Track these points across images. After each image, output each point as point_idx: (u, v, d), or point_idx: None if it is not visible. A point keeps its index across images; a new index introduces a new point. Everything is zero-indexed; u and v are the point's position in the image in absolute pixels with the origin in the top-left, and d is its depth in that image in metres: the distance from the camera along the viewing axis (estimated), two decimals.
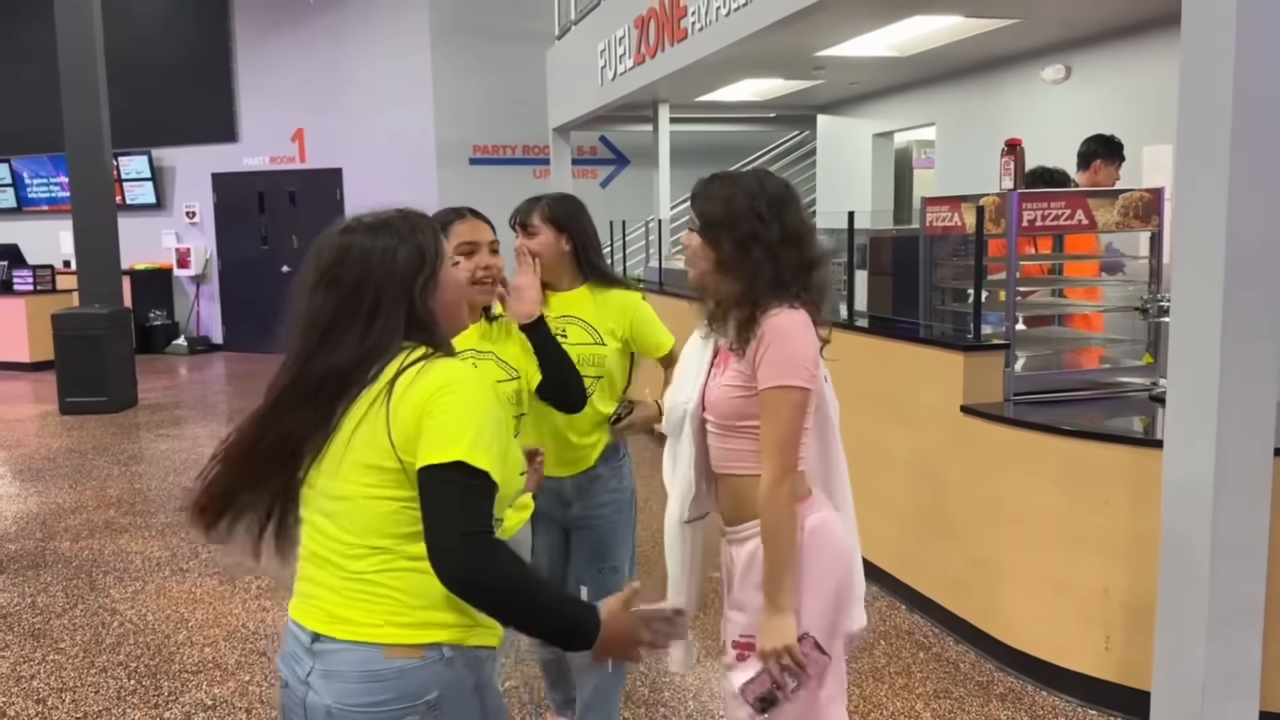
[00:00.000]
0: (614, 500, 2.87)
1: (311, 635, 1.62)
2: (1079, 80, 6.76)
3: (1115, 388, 4.00)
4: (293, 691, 1.64)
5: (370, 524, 1.60)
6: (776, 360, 1.95)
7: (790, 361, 1.95)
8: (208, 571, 4.85)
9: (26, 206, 14.00)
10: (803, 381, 1.96)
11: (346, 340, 1.64)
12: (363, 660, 1.59)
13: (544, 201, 2.84)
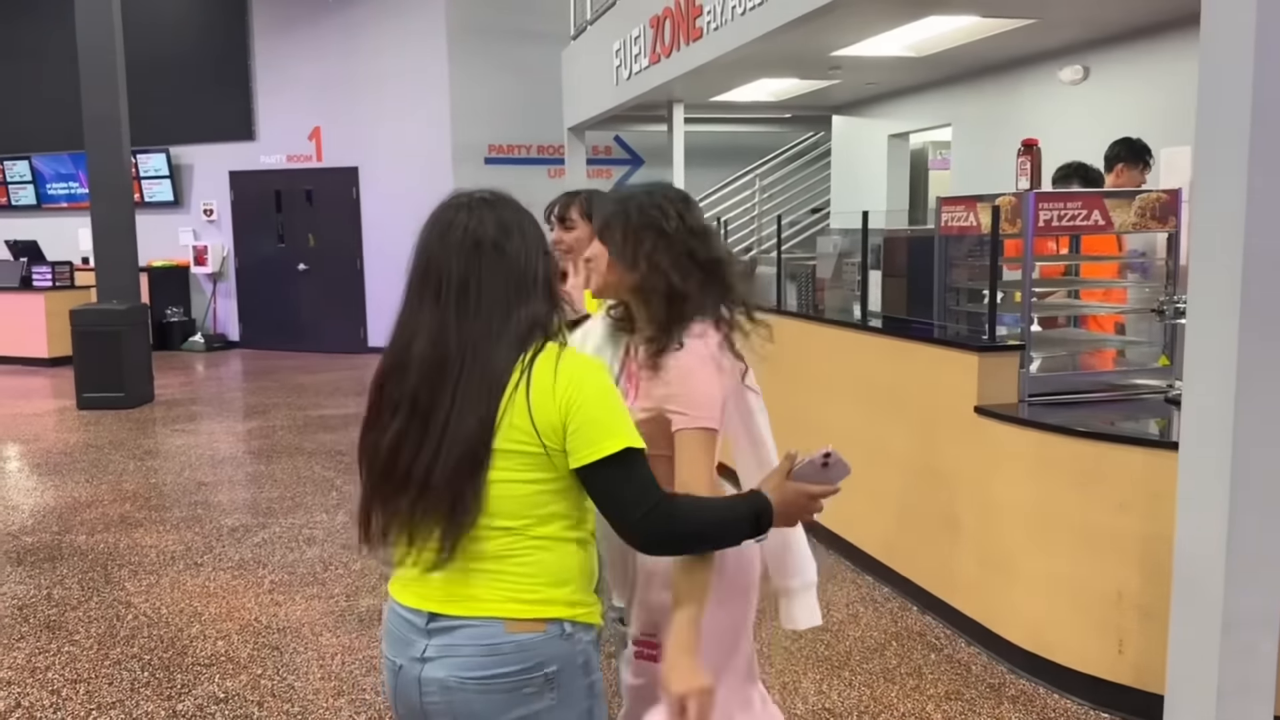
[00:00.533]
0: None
1: (427, 615, 1.68)
2: (1097, 81, 6.72)
3: (1131, 390, 3.98)
4: (406, 671, 1.69)
5: (503, 507, 1.65)
6: (687, 402, 1.94)
7: (700, 403, 1.94)
8: (221, 566, 4.88)
9: (46, 204, 14.11)
10: (713, 422, 1.95)
11: (509, 322, 1.65)
12: (483, 635, 1.65)
13: (581, 196, 2.88)
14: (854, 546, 4.79)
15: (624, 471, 1.64)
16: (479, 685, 1.64)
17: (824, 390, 5.10)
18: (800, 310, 5.52)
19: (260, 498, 6.12)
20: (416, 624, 1.69)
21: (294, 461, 6.97)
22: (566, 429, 1.62)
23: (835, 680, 3.65)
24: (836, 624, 4.14)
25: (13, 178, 14.17)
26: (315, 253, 13.02)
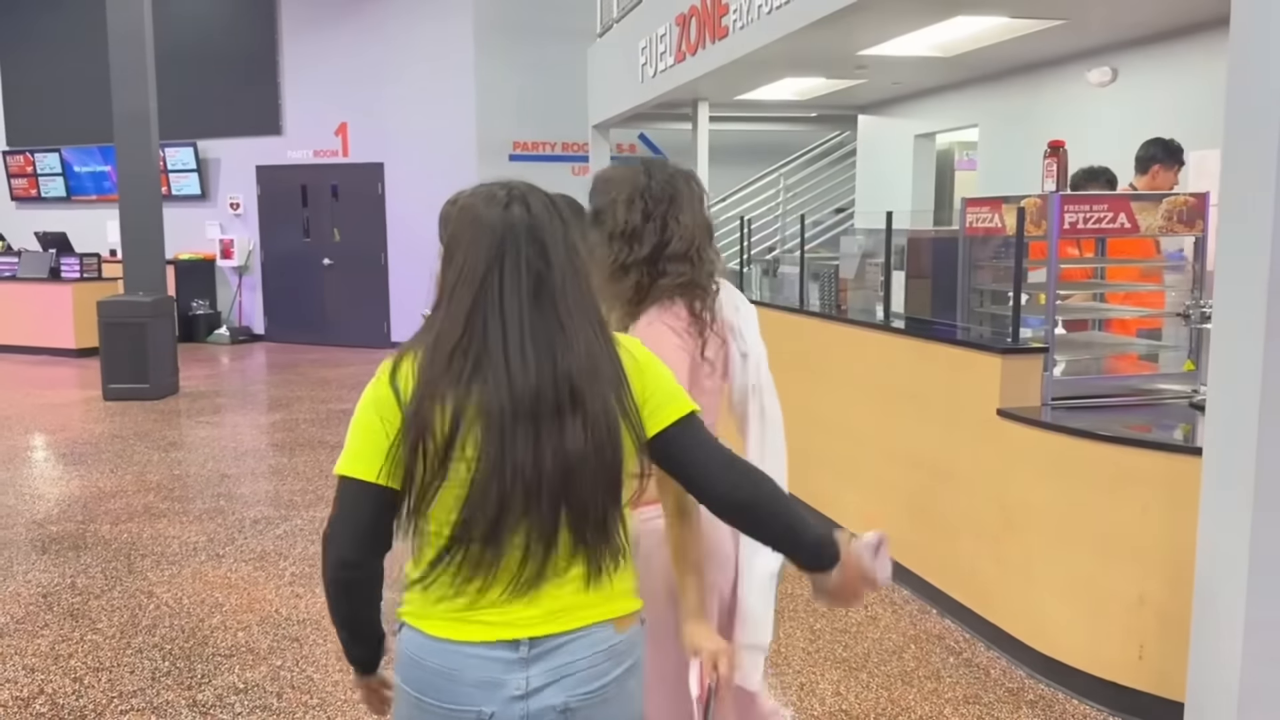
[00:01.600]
0: None
1: (526, 643, 1.55)
2: (1125, 83, 6.66)
3: (1155, 394, 3.95)
4: (502, 715, 1.54)
5: None
6: None
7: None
8: (243, 557, 4.92)
9: (75, 196, 14.27)
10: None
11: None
12: (597, 642, 1.59)
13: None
14: None
15: (702, 431, 1.65)
16: (599, 696, 1.58)
17: (846, 391, 5.09)
18: (823, 310, 5.51)
19: (282, 490, 6.16)
20: (508, 658, 1.55)
21: (316, 455, 7.02)
22: (646, 402, 1.61)
23: (853, 682, 3.63)
24: (855, 625, 4.12)
25: (43, 170, 14.33)
26: (340, 247, 13.10)
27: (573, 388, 1.52)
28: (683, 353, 2.05)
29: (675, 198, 2.13)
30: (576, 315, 1.56)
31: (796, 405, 2.34)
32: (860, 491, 4.95)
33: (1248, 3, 2.69)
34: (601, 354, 1.56)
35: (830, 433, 5.22)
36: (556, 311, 1.55)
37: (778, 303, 6.09)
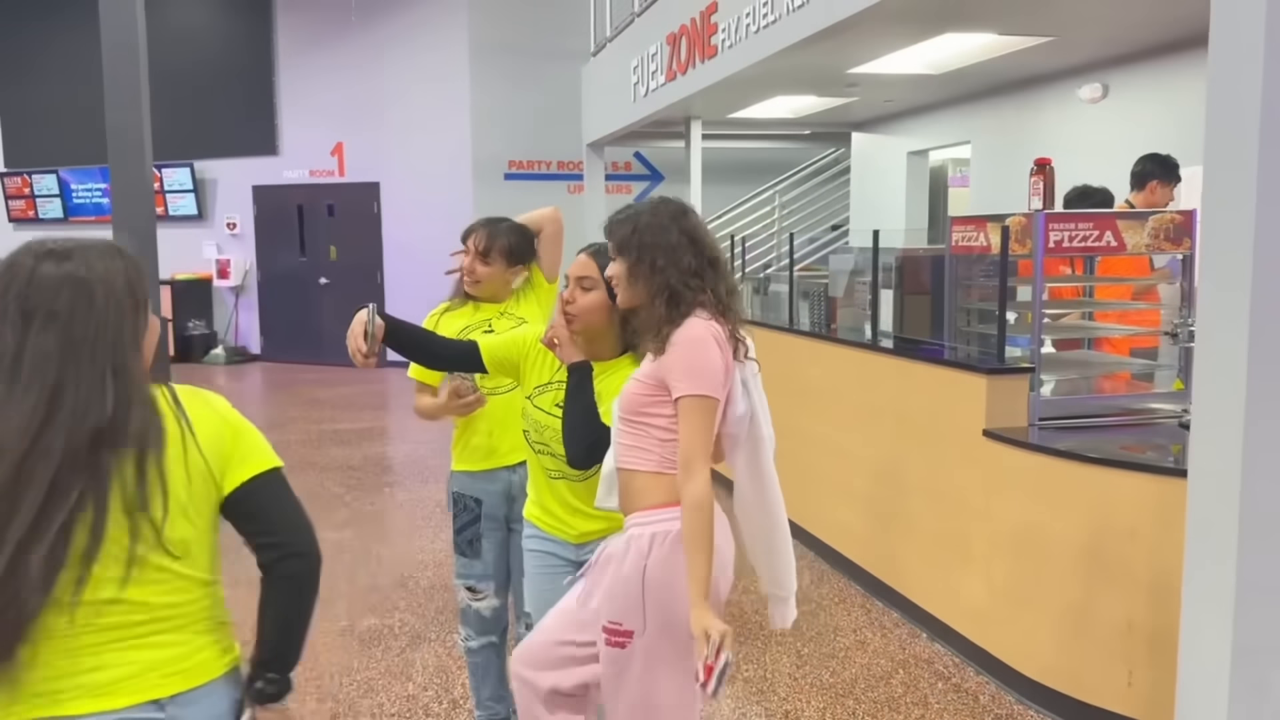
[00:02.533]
0: None
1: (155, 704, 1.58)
2: (1117, 99, 6.64)
3: (1144, 414, 3.90)
4: None
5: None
6: (690, 369, 2.11)
7: (703, 371, 2.11)
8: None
9: (73, 216, 14.28)
10: (713, 391, 2.12)
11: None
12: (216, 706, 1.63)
13: (501, 229, 3.04)
14: (862, 569, 4.72)
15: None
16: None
17: (834, 410, 5.04)
18: (812, 329, 5.47)
19: None
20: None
21: (305, 477, 6.97)
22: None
23: (839, 709, 3.58)
24: (843, 650, 4.07)
25: (40, 191, 14.35)
26: (336, 267, 13.09)
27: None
28: (721, 356, 2.16)
29: (702, 228, 2.28)
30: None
31: (787, 424, 2.40)
32: (850, 512, 4.90)
33: (1226, 20, 2.66)
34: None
35: (820, 452, 5.18)
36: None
37: (769, 321, 6.06)
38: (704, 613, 2.03)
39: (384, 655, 4.02)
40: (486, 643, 3.14)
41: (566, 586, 2.41)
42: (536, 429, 2.54)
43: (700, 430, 2.10)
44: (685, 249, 2.19)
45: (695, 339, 2.12)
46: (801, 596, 4.59)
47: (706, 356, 2.12)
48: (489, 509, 3.02)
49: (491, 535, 3.04)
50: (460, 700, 3.59)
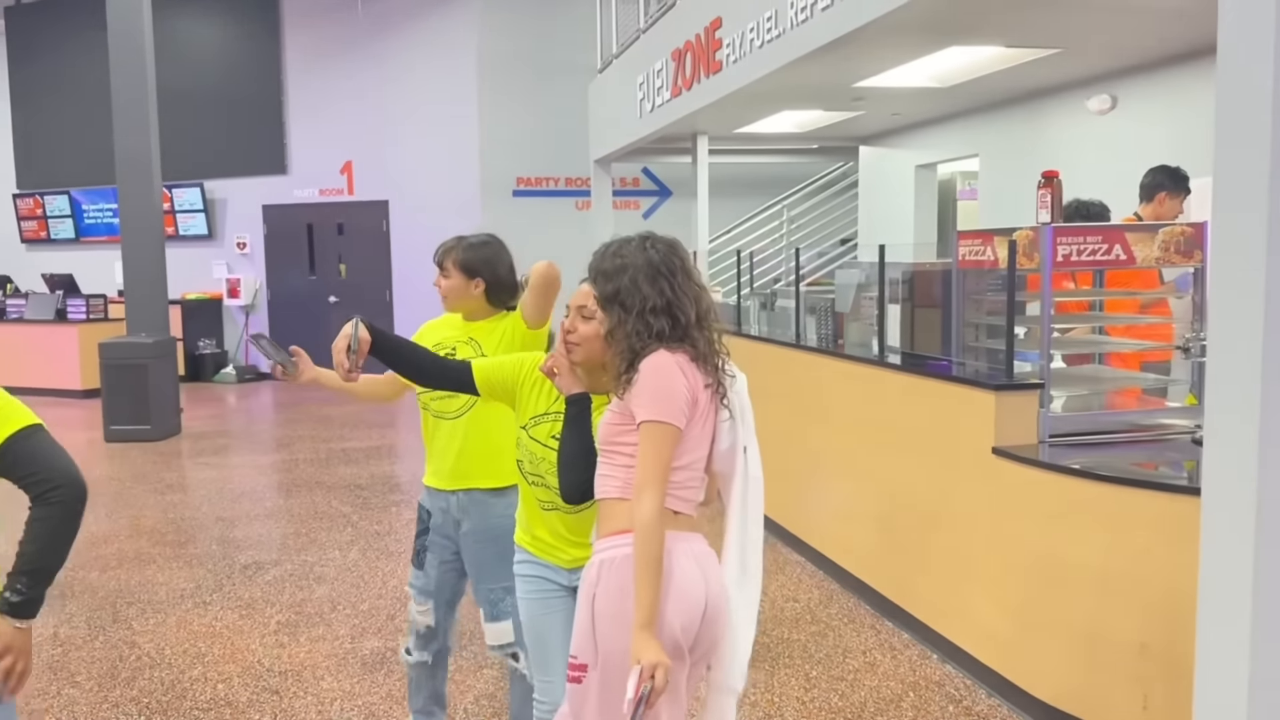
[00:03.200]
0: (504, 524, 2.80)
1: None
2: (1126, 110, 6.58)
3: (1157, 430, 3.83)
4: None
5: None
6: (648, 396, 2.10)
7: (662, 398, 2.10)
8: (229, 604, 4.83)
9: (84, 237, 14.35)
10: (669, 418, 2.10)
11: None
12: None
13: (460, 247, 3.08)
14: (872, 590, 4.65)
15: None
16: None
17: (842, 427, 4.98)
18: (819, 344, 5.41)
19: (275, 533, 6.08)
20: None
21: (312, 496, 6.94)
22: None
23: None
24: (853, 672, 4.00)
25: (52, 212, 14.43)
26: (346, 285, 13.11)
27: None
28: (683, 383, 2.14)
29: (682, 268, 2.24)
30: None
31: (794, 441, 2.39)
32: (858, 529, 4.83)
33: (1235, 29, 2.61)
34: None
35: (827, 470, 5.11)
36: None
37: (775, 337, 6.00)
38: (643, 640, 1.99)
39: (386, 679, 3.97)
40: (420, 659, 3.21)
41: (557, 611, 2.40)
42: (531, 460, 2.50)
43: (655, 455, 2.08)
44: (655, 296, 2.17)
45: (658, 367, 2.12)
46: (810, 617, 4.55)
47: (668, 384, 2.11)
48: (436, 523, 3.09)
49: (436, 550, 3.11)
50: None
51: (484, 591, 3.03)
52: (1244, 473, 2.59)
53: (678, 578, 2.10)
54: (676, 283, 2.20)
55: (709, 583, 2.17)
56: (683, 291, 2.20)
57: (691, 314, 2.19)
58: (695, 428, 2.16)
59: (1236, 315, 2.60)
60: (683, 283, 2.21)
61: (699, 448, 2.20)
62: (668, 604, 2.07)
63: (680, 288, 2.20)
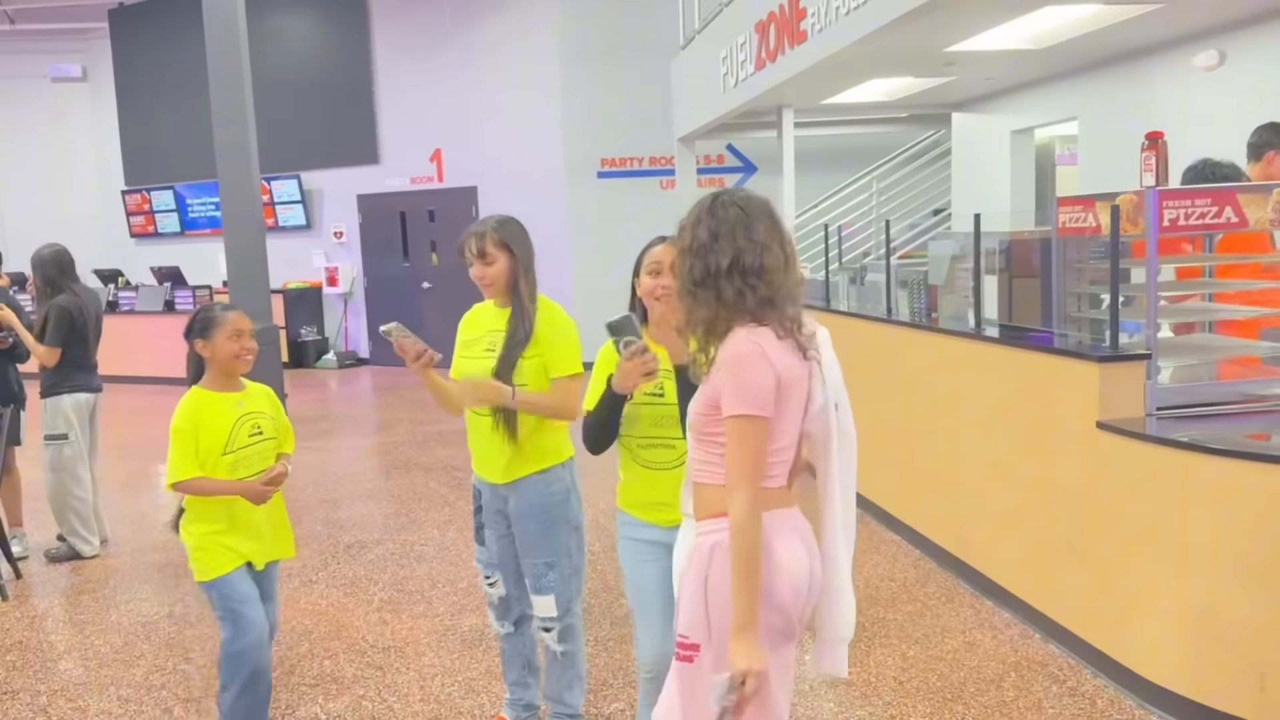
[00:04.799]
0: (545, 501, 3.08)
1: None
2: (1234, 66, 6.27)
3: (1273, 400, 3.65)
4: None
5: None
6: (731, 388, 2.03)
7: (744, 390, 2.02)
8: (334, 583, 4.98)
9: (189, 230, 14.87)
10: (756, 410, 2.02)
11: None
12: None
13: (490, 227, 3.05)
14: (971, 568, 4.56)
15: None
16: None
17: (939, 404, 4.88)
18: (912, 318, 5.31)
19: (376, 514, 6.24)
20: None
21: (411, 477, 7.10)
22: None
23: (947, 714, 3.45)
24: (951, 652, 3.93)
25: (158, 207, 14.99)
26: (438, 271, 13.32)
27: None
28: (769, 370, 2.04)
29: (743, 219, 2.10)
30: None
31: (888, 419, 2.36)
32: (956, 507, 4.73)
33: None
34: None
35: (923, 446, 5.02)
36: None
37: (865, 312, 5.90)
38: (743, 642, 1.96)
39: (485, 655, 4.04)
40: (505, 631, 3.33)
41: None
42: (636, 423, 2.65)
43: (742, 451, 2.01)
44: (722, 253, 2.06)
45: (740, 357, 2.03)
46: (906, 596, 4.48)
47: (751, 375, 2.02)
48: (486, 501, 3.20)
49: (493, 526, 3.22)
50: None
51: (528, 566, 3.14)
52: None
53: (781, 555, 2.08)
54: (751, 235, 2.07)
55: (811, 554, 2.16)
56: (759, 244, 2.07)
57: (769, 267, 2.06)
58: (786, 410, 2.09)
59: None
60: (758, 235, 2.07)
61: (793, 429, 2.14)
62: (778, 583, 2.06)
63: (753, 240, 2.06)
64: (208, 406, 3.09)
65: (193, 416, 3.05)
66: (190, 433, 3.02)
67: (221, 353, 3.10)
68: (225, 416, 3.09)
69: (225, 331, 3.09)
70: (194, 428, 3.03)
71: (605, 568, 5.03)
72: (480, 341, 3.10)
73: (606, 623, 4.34)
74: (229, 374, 3.14)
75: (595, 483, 3.66)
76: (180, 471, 3.02)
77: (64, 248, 5.56)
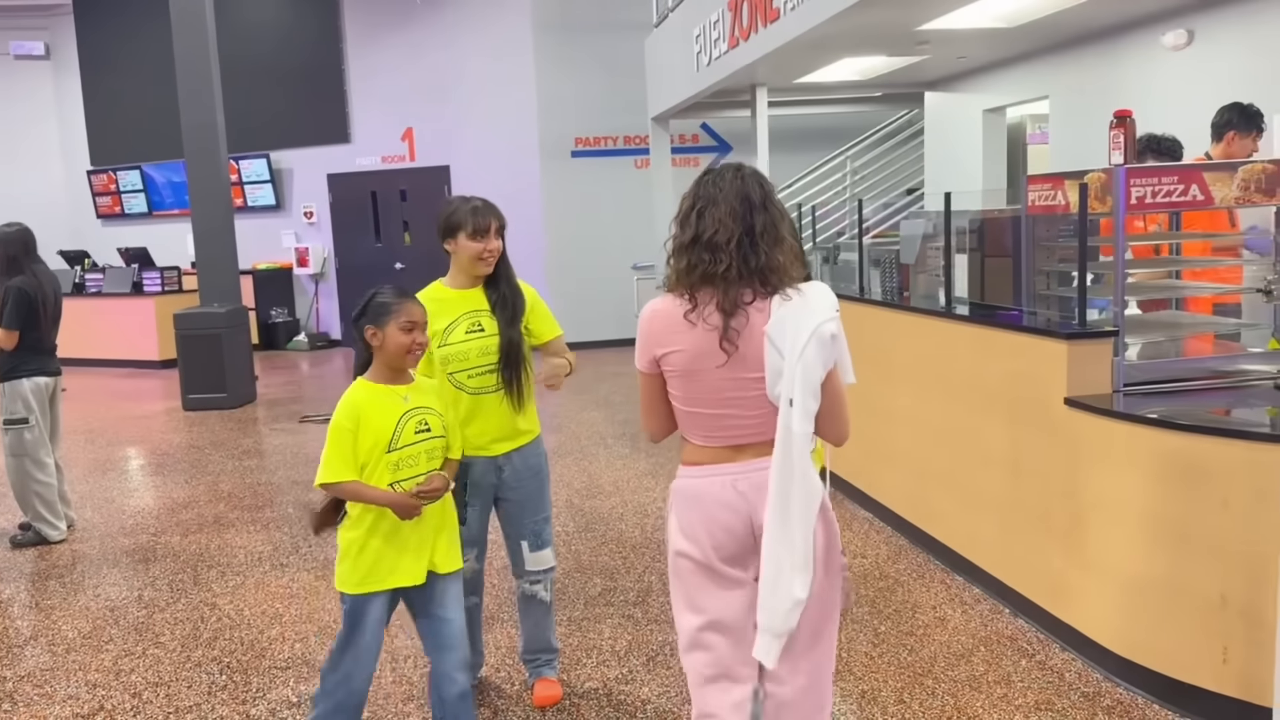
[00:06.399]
0: (539, 462, 3.38)
1: None
2: (1202, 45, 6.30)
3: (1237, 377, 3.69)
4: None
5: None
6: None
7: (637, 348, 2.34)
8: (305, 566, 4.95)
9: (157, 211, 14.69)
10: (638, 364, 2.34)
11: None
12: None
13: (489, 207, 3.24)
14: (942, 545, 4.60)
15: None
16: None
17: (909, 381, 4.90)
18: (884, 297, 5.32)
19: None
20: None
21: None
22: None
23: (917, 689, 3.48)
24: (922, 627, 3.96)
25: (125, 187, 14.79)
26: (411, 251, 13.24)
27: None
28: (642, 330, 2.30)
29: (715, 194, 2.22)
30: None
31: (858, 397, 2.35)
32: (927, 484, 4.76)
33: None
34: None
35: (895, 424, 5.04)
36: None
37: (839, 291, 5.90)
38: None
39: None
40: (472, 603, 3.39)
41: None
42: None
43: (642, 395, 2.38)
44: (687, 206, 2.26)
45: (640, 317, 2.34)
46: (878, 572, 4.51)
47: (639, 333, 2.31)
48: (476, 478, 3.23)
49: (477, 503, 3.26)
50: (531, 685, 3.58)
51: (529, 524, 3.34)
52: None
53: (703, 489, 2.27)
54: (707, 206, 2.22)
55: (752, 505, 2.23)
56: (709, 215, 2.20)
57: (712, 236, 2.19)
58: (686, 377, 2.23)
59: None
60: (711, 207, 2.21)
61: (707, 397, 2.22)
62: (692, 517, 2.28)
63: (709, 209, 2.21)
64: (372, 401, 2.80)
65: (354, 413, 2.76)
66: (350, 431, 2.74)
67: (392, 344, 2.79)
68: (390, 411, 2.80)
69: (398, 321, 2.77)
70: (355, 426, 2.74)
71: (580, 548, 5.03)
72: (461, 324, 3.19)
73: (580, 603, 4.34)
74: (395, 367, 2.84)
75: (570, 464, 3.66)
76: (333, 472, 2.74)
77: (28, 227, 5.47)
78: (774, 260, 2.17)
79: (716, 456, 2.26)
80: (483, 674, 3.64)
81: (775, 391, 2.17)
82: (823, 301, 2.18)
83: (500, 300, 3.22)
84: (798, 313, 2.15)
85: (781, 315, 2.15)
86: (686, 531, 2.27)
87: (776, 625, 2.18)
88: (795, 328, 2.14)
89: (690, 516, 2.27)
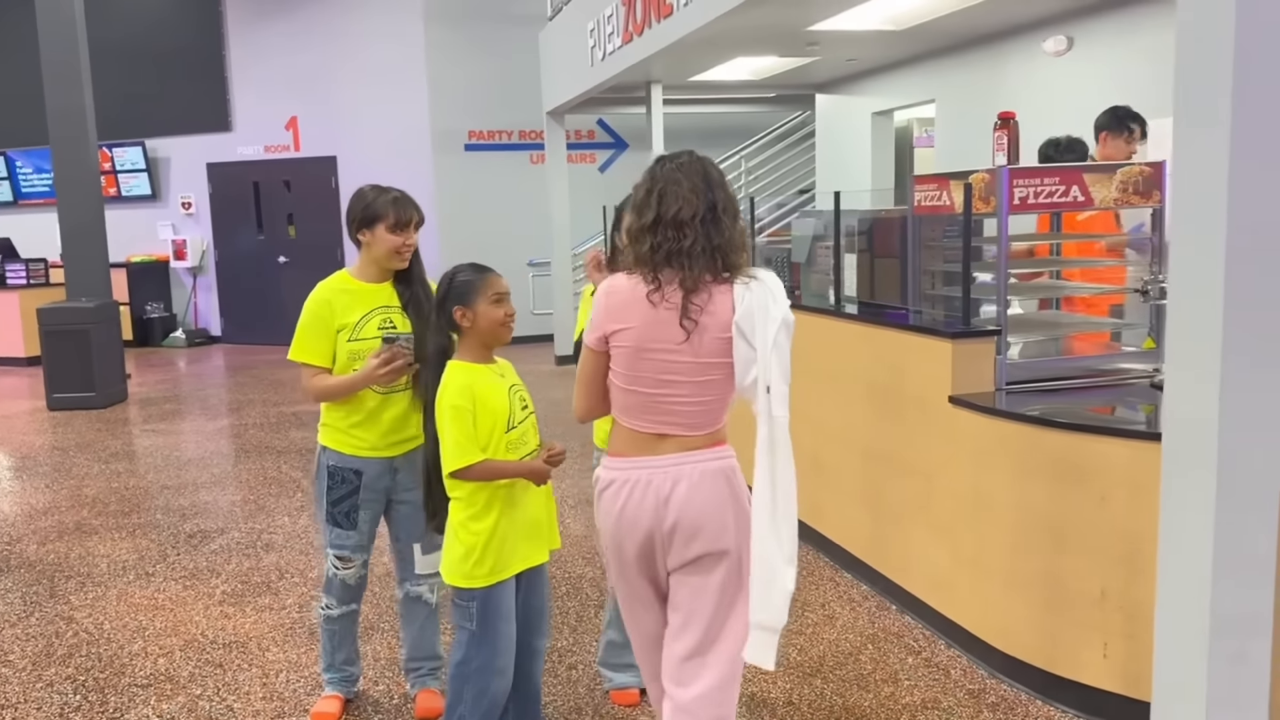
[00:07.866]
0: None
1: None
2: (1082, 51, 6.48)
3: (1116, 375, 3.77)
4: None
5: None
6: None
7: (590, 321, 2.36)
8: (173, 575, 4.68)
9: (22, 200, 13.89)
10: (587, 340, 2.34)
11: None
12: None
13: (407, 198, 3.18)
14: (831, 542, 4.60)
15: None
16: None
17: (799, 378, 4.84)
18: None
19: (223, 501, 5.92)
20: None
21: (262, 462, 6.77)
22: None
23: (806, 689, 3.45)
24: (811, 626, 3.94)
25: None
26: (295, 244, 12.81)
27: None
28: (598, 305, 2.32)
29: (676, 175, 2.29)
30: None
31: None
32: (816, 482, 4.76)
33: None
34: None
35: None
36: None
37: None
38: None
39: None
40: (347, 610, 3.26)
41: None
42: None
43: (580, 368, 2.40)
44: (642, 194, 2.31)
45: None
46: None
47: (595, 307, 2.32)
48: (369, 480, 3.11)
49: (369, 507, 3.15)
50: (413, 696, 3.43)
51: (424, 527, 3.18)
52: (1204, 417, 2.53)
53: (607, 502, 2.33)
54: (665, 191, 2.27)
55: (659, 501, 2.28)
56: (671, 197, 2.26)
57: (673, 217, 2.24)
58: (627, 356, 2.26)
59: (1198, 256, 2.52)
60: (669, 193, 2.27)
61: (641, 374, 2.26)
62: (605, 522, 2.37)
63: (669, 194, 2.27)
64: (480, 380, 2.65)
65: (470, 394, 2.60)
66: (470, 412, 2.59)
67: (484, 320, 2.65)
68: (498, 390, 2.67)
69: (487, 296, 2.64)
70: (472, 405, 2.59)
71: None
72: (372, 320, 3.09)
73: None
74: (489, 345, 2.70)
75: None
76: (465, 455, 2.57)
77: None
78: (734, 238, 2.24)
79: (640, 446, 2.30)
80: (359, 687, 3.46)
81: (746, 382, 2.27)
82: (780, 288, 2.28)
83: (413, 299, 3.11)
84: (764, 301, 2.21)
85: (749, 307, 2.20)
86: (604, 524, 2.38)
87: (772, 620, 2.23)
88: (765, 317, 2.21)
89: (606, 508, 2.35)
